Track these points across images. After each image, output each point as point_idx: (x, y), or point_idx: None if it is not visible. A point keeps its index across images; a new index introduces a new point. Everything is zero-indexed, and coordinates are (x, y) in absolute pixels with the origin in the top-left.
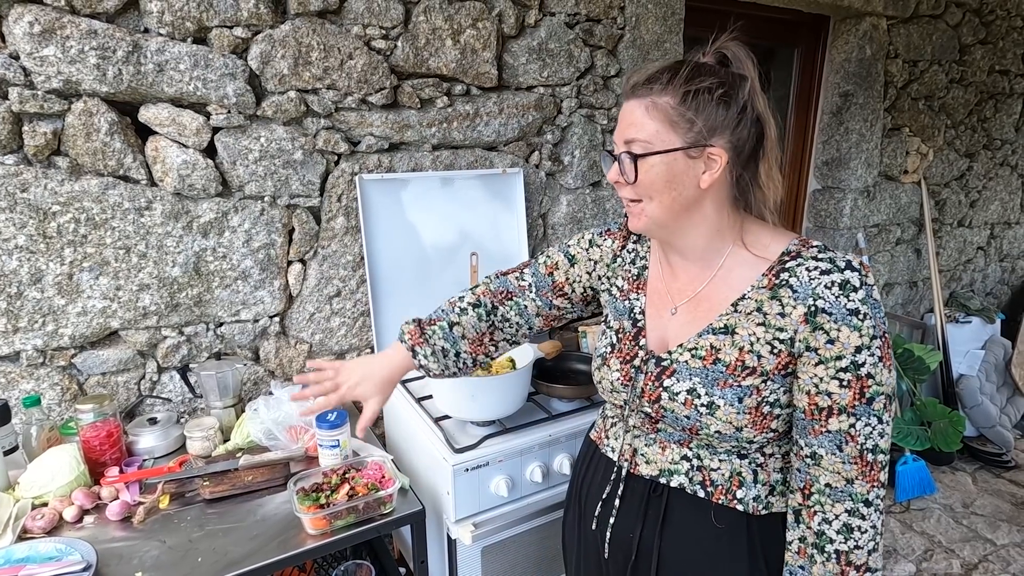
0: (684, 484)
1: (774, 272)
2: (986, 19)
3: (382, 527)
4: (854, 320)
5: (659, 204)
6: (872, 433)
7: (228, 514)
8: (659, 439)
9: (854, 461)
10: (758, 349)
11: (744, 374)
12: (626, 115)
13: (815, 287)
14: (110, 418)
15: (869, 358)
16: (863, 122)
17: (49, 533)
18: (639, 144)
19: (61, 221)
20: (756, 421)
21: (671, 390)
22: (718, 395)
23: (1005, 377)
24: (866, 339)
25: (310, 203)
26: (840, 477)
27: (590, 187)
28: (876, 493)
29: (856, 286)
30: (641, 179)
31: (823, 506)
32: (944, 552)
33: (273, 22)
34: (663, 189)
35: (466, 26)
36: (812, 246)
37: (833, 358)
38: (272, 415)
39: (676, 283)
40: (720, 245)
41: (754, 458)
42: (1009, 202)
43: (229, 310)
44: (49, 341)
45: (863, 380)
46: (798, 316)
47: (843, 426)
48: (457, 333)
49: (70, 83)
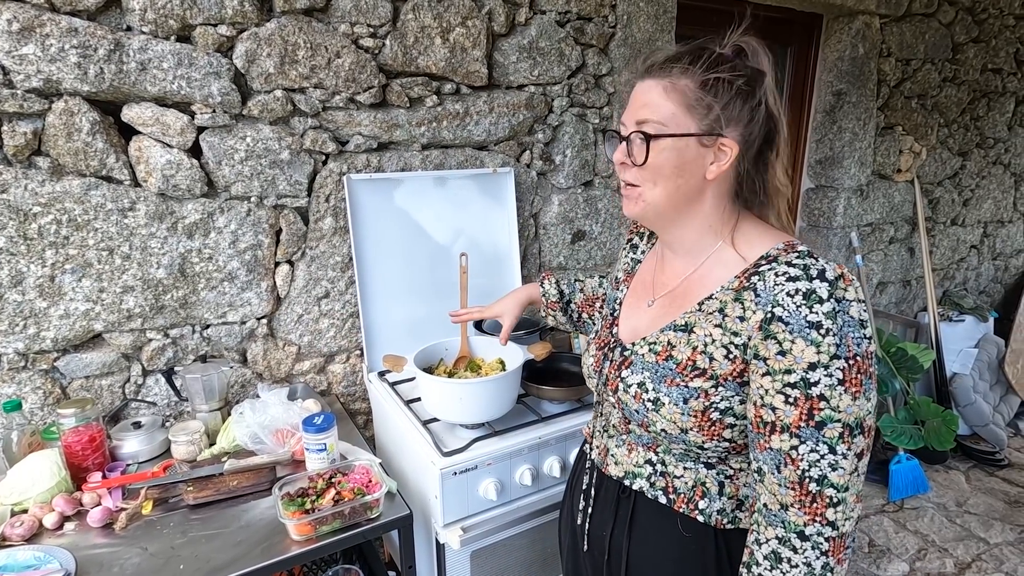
0: (645, 488)
1: (747, 275)
2: (979, 17)
3: (368, 532)
4: (812, 334)
5: (663, 190)
6: (819, 462)
7: (212, 520)
8: (628, 440)
9: (791, 487)
10: (711, 351)
11: (693, 375)
12: (640, 95)
13: (776, 294)
14: (93, 422)
15: (825, 378)
16: (856, 121)
17: (28, 541)
18: (652, 125)
19: (42, 222)
20: (703, 426)
21: (626, 381)
22: (664, 392)
23: (998, 375)
24: (824, 357)
25: (297, 203)
26: (775, 500)
27: (582, 186)
28: (817, 529)
29: (822, 298)
30: (650, 161)
31: (759, 526)
32: (938, 551)
33: (259, 20)
34: (670, 175)
35: (455, 24)
36: (795, 251)
37: (781, 371)
38: (259, 418)
39: (662, 276)
40: (710, 241)
41: (722, 470)
42: (1002, 201)
43: (215, 312)
44: (31, 344)
45: (812, 400)
46: (755, 322)
47: (784, 446)
48: (578, 286)
49: (50, 82)
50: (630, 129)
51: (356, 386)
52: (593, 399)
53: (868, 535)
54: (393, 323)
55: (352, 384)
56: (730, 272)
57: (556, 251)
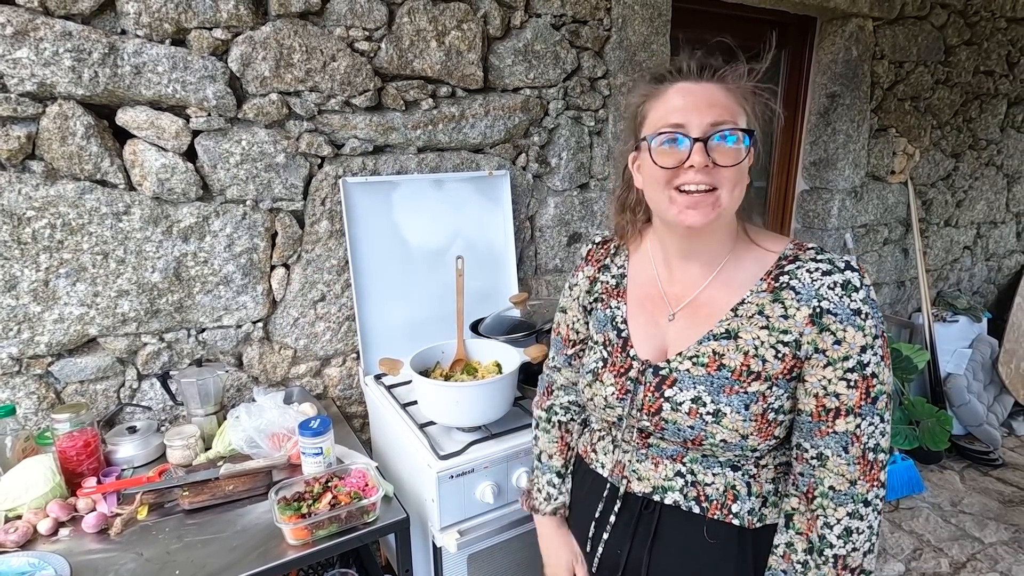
0: (679, 501)
1: (772, 276)
2: (971, 20)
3: (365, 536)
4: (857, 320)
5: (739, 192)
6: (874, 432)
7: (208, 525)
8: (651, 455)
9: (858, 462)
10: (763, 353)
11: (750, 379)
12: (706, 97)
13: (819, 288)
14: (87, 427)
15: (873, 357)
16: (850, 123)
17: (22, 547)
18: (732, 125)
19: (36, 227)
20: (762, 428)
21: (673, 400)
22: (724, 402)
23: (992, 375)
24: (869, 338)
25: (293, 207)
26: (844, 479)
27: (577, 189)
28: (875, 493)
29: (857, 286)
30: (741, 164)
31: (825, 510)
32: (933, 551)
33: (254, 23)
34: (742, 178)
35: (451, 27)
36: (808, 248)
37: (841, 359)
38: (254, 422)
39: (673, 288)
40: (728, 245)
41: (747, 470)
42: (995, 202)
43: (211, 316)
44: (25, 349)
45: (868, 380)
46: (803, 318)
47: (850, 427)
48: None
49: (44, 86)
50: (702, 132)
51: (352, 389)
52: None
53: None
54: (389, 326)
55: (348, 387)
56: (752, 275)
57: (552, 253)
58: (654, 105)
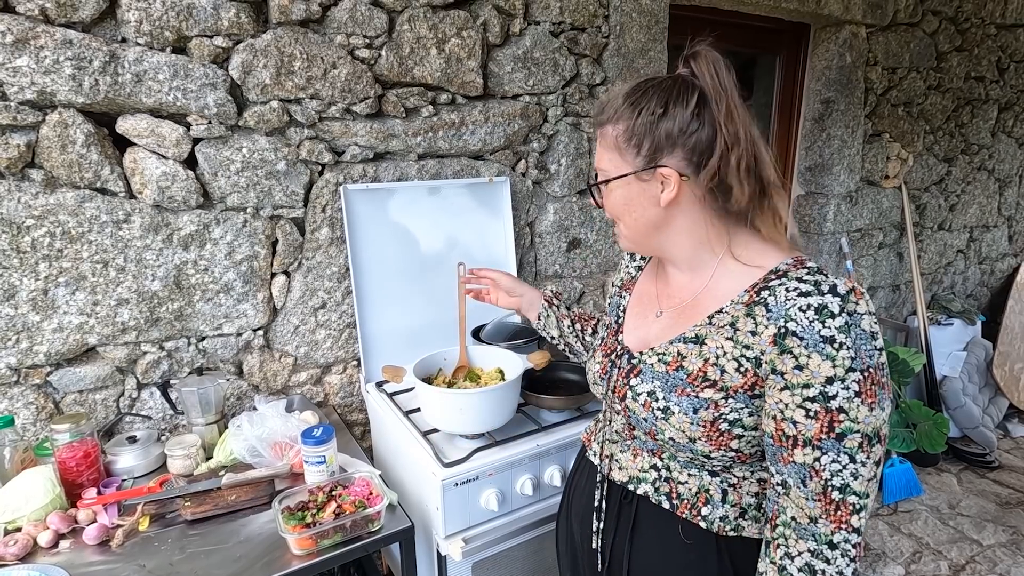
0: (649, 492)
1: (756, 289)
2: (961, 27)
3: (370, 545)
4: (827, 348)
5: (627, 225)
6: (841, 472)
7: (210, 535)
8: (633, 446)
9: (817, 498)
10: (723, 363)
11: (703, 385)
12: (598, 145)
13: (788, 308)
14: (87, 437)
15: (842, 391)
16: (844, 128)
17: (22, 559)
18: (600, 172)
19: (35, 235)
20: (711, 436)
21: (635, 389)
22: (674, 402)
23: (987, 378)
24: (840, 371)
25: (294, 214)
26: (803, 513)
27: (577, 195)
28: (844, 536)
29: (834, 312)
30: (605, 203)
31: (787, 539)
32: (932, 554)
33: (254, 31)
34: (624, 211)
35: (451, 35)
36: (804, 267)
37: (800, 385)
38: (256, 431)
39: (668, 288)
40: (708, 256)
41: (726, 478)
42: (987, 206)
43: (211, 324)
44: (23, 359)
45: (833, 414)
46: (767, 336)
47: (807, 459)
48: (575, 309)
49: (44, 94)
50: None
51: (353, 397)
52: (593, 407)
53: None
54: (390, 333)
55: (349, 395)
56: (738, 285)
57: (552, 259)
58: None
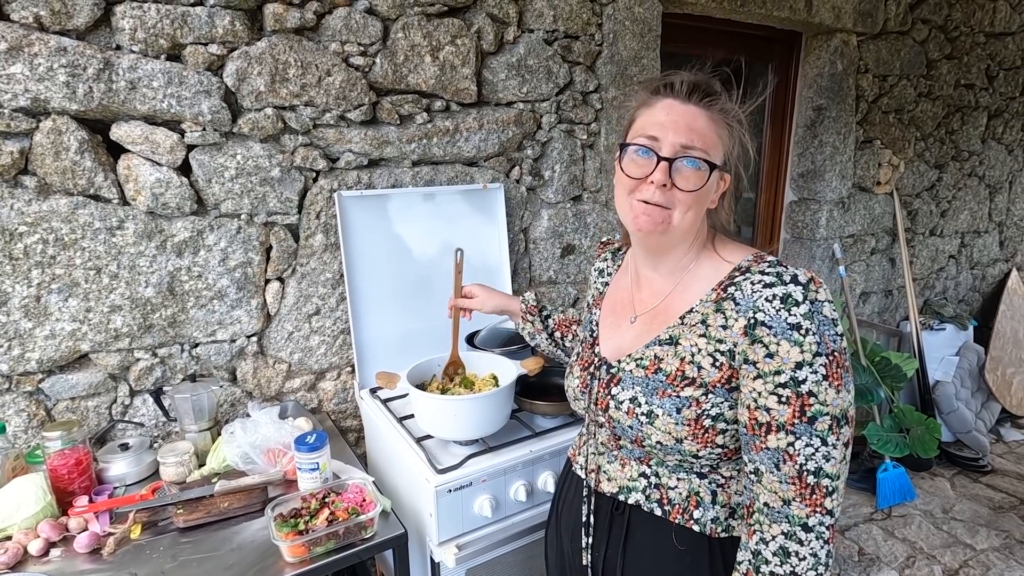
0: (640, 501)
1: (723, 287)
2: (951, 35)
3: (363, 552)
4: (795, 335)
5: (693, 216)
6: (814, 455)
7: (203, 543)
8: (620, 456)
9: (791, 481)
10: (699, 360)
11: (683, 384)
12: (686, 119)
13: (756, 300)
14: (79, 445)
15: (811, 375)
16: (836, 135)
17: (13, 568)
18: (700, 152)
19: (28, 242)
20: (697, 434)
21: (617, 398)
22: (657, 404)
23: (979, 382)
24: (807, 356)
25: (288, 220)
26: (777, 497)
27: (571, 201)
28: (818, 519)
29: (798, 300)
30: (684, 185)
31: (761, 525)
32: (926, 558)
33: (249, 39)
34: (700, 203)
35: (445, 43)
36: (764, 261)
37: (771, 372)
38: (249, 438)
39: (640, 294)
40: (690, 259)
41: (714, 479)
42: (978, 211)
43: (205, 330)
44: (15, 366)
45: (804, 398)
46: (739, 328)
47: (781, 444)
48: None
49: (38, 101)
50: (671, 151)
51: (347, 403)
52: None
53: (858, 543)
54: (384, 339)
55: (343, 401)
56: (707, 285)
57: (546, 265)
58: (642, 113)
